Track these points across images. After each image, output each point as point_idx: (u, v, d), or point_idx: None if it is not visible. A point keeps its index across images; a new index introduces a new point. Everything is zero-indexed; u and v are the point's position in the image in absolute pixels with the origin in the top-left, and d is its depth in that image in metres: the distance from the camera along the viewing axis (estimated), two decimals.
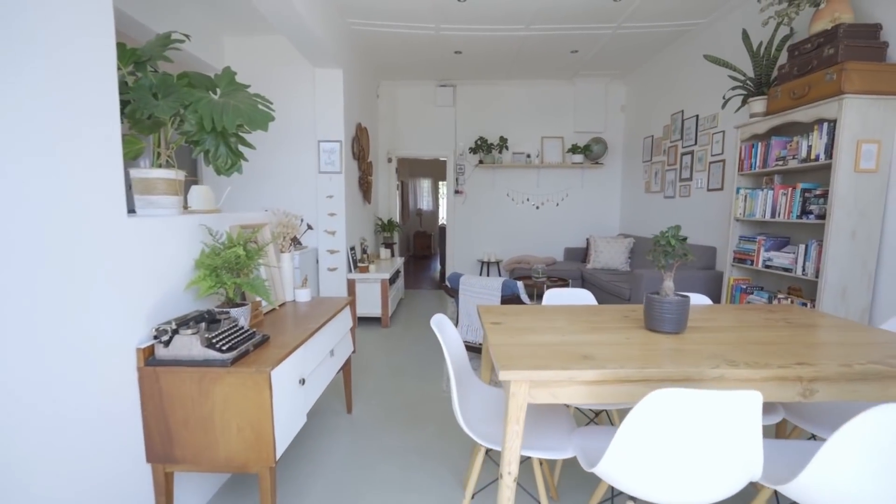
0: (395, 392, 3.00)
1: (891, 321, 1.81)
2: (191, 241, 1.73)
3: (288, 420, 1.60)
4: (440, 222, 11.91)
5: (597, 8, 3.91)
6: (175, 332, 1.46)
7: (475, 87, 6.36)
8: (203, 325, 1.58)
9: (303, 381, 1.73)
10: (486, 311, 1.93)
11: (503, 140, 6.21)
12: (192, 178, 2.08)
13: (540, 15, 4.05)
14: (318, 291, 4.44)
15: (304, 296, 2.46)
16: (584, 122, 6.33)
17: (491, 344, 1.46)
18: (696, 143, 4.53)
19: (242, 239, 1.76)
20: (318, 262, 4.39)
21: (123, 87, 1.55)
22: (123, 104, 1.53)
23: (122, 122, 1.47)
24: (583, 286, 5.56)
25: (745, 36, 3.36)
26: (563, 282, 4.81)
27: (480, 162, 6.33)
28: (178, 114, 1.65)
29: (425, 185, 11.81)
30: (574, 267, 5.76)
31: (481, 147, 6.23)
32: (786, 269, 2.98)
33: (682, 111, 4.79)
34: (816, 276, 2.72)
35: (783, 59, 3.19)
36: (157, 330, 1.45)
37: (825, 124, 2.67)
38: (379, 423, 2.59)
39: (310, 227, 2.80)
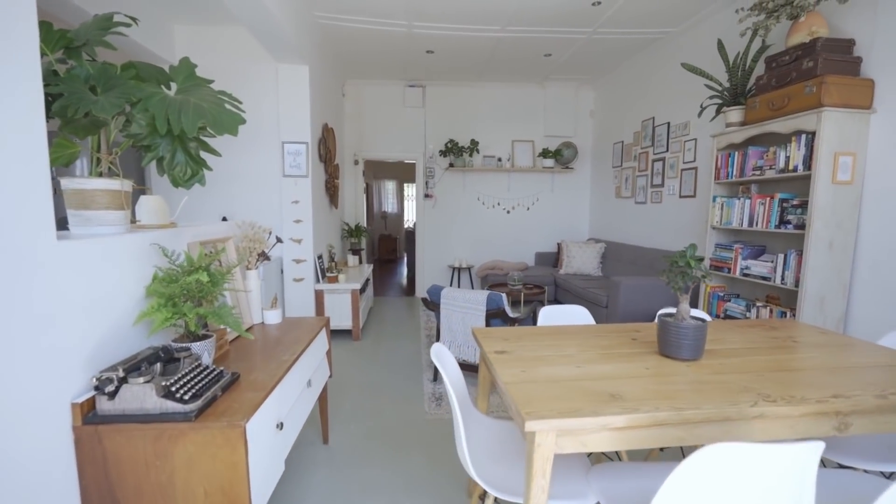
0: (374, 415, 2.77)
1: (889, 336, 1.81)
2: (141, 263, 1.45)
3: (265, 475, 1.36)
4: (406, 225, 11.68)
5: (575, 11, 3.85)
6: (122, 380, 1.19)
7: (445, 88, 6.20)
8: (158, 366, 1.31)
9: (280, 426, 1.49)
10: (485, 337, 1.76)
11: (474, 143, 6.09)
12: (141, 188, 1.78)
13: (518, 15, 3.94)
14: (284, 304, 4.12)
15: (273, 318, 2.20)
16: (555, 127, 6.32)
17: (504, 382, 1.29)
18: (667, 150, 4.58)
19: (205, 260, 1.49)
20: (282, 272, 4.08)
21: (51, 77, 1.26)
22: (51, 99, 1.24)
23: (49, 120, 1.18)
24: (556, 292, 5.53)
25: (721, 46, 3.39)
26: (539, 289, 4.74)
27: (451, 165, 6.18)
28: (123, 112, 1.37)
29: (390, 186, 11.54)
30: (546, 272, 5.72)
31: (452, 150, 6.07)
32: (764, 278, 3.01)
33: (653, 118, 4.84)
34: (796, 286, 2.75)
35: (759, 70, 3.23)
36: (98, 379, 1.17)
37: (803, 136, 2.71)
38: (359, 454, 2.36)
39: (279, 241, 2.53)
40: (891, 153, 2.53)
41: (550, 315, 2.09)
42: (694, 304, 4.09)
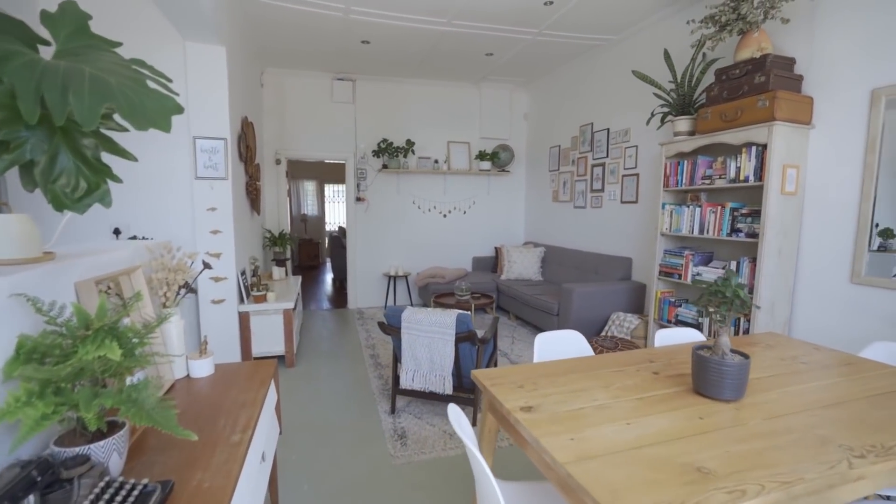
0: (329, 466, 2.32)
1: (872, 346, 1.84)
2: None
3: None
4: (328, 227, 10.95)
5: (526, 9, 3.69)
6: None
7: (378, 83, 5.76)
8: (32, 500, 0.81)
9: None
10: (495, 383, 1.45)
11: (410, 143, 5.74)
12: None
13: (467, 9, 3.68)
14: (199, 331, 3.42)
15: (204, 368, 1.68)
16: (490, 129, 6.21)
17: (562, 462, 1.00)
18: (607, 156, 4.66)
19: (109, 318, 0.99)
20: (196, 292, 3.39)
21: None
22: None
23: None
24: (499, 299, 5.40)
25: (667, 56, 3.45)
26: (487, 298, 4.54)
27: (384, 167, 5.77)
28: None
29: (310, 187, 10.71)
30: (487, 278, 5.57)
31: (386, 150, 5.66)
32: None
33: (592, 124, 4.90)
34: (750, 293, 2.84)
35: (706, 81, 3.33)
36: None
37: (753, 148, 2.80)
38: None
39: (207, 267, 1.98)
40: (827, 166, 2.70)
41: (546, 344, 1.84)
42: (640, 309, 4.19)
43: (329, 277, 8.78)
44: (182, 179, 3.27)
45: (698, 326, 3.24)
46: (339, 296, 6.92)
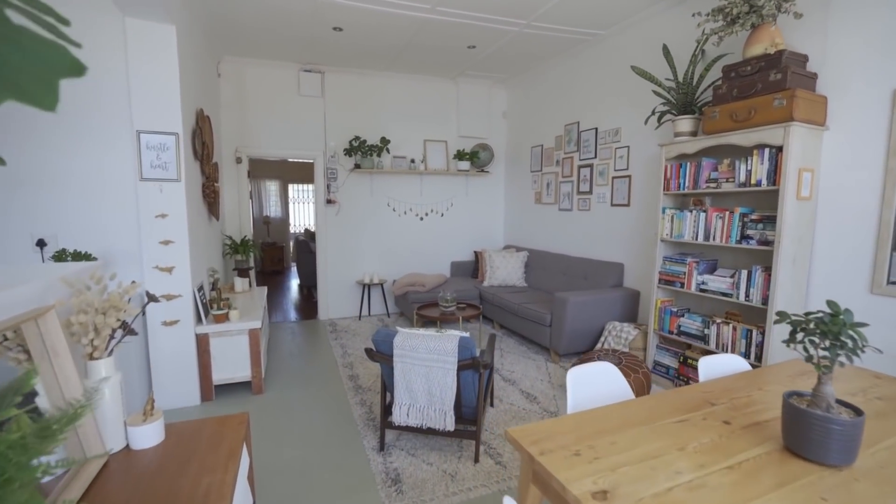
0: None
1: None
2: None
3: None
4: (292, 230, 10.35)
5: None
6: None
7: (349, 76, 5.33)
8: None
9: None
10: (544, 451, 1.14)
11: (385, 141, 5.34)
12: None
13: None
14: (148, 359, 2.93)
15: (150, 436, 1.27)
16: (468, 127, 5.91)
17: None
18: (595, 157, 4.46)
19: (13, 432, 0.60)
20: (144, 314, 2.89)
21: None
22: None
23: None
24: (482, 304, 5.11)
25: (667, 52, 3.26)
26: (474, 309, 4.24)
27: (357, 166, 5.35)
28: None
29: (272, 188, 10.06)
30: (469, 285, 5.28)
31: (358, 149, 5.25)
32: (724, 294, 2.93)
33: (578, 123, 4.69)
34: (764, 304, 2.68)
35: (710, 78, 3.15)
36: None
37: (766, 150, 2.63)
38: None
39: (153, 300, 1.55)
40: (842, 171, 2.57)
41: (583, 380, 1.55)
42: (633, 317, 4.01)
43: (295, 284, 8.23)
44: (124, 181, 2.77)
45: (704, 338, 3.07)
46: (308, 305, 6.43)
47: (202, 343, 3.08)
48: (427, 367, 2.16)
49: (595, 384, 1.59)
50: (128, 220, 2.78)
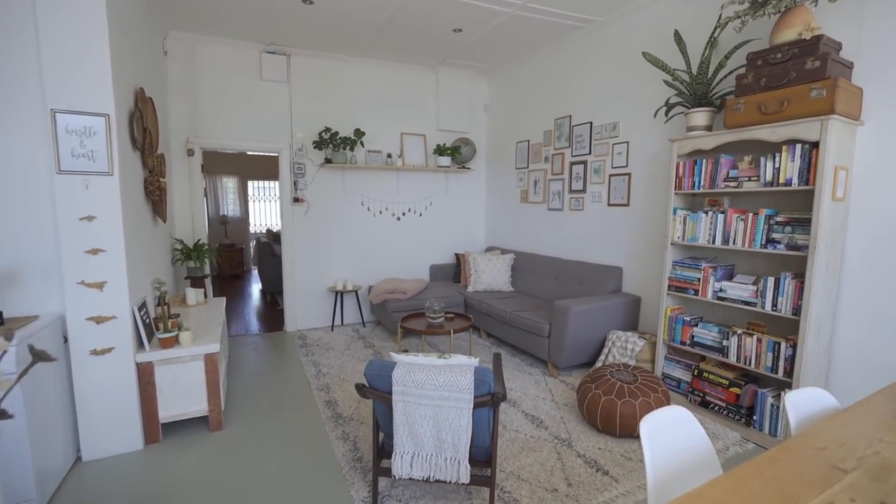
0: None
1: None
2: None
3: None
4: (253, 229, 9.62)
5: None
6: None
7: (318, 60, 4.80)
8: None
9: None
10: None
11: (359, 133, 4.85)
12: None
13: None
14: (73, 398, 2.34)
15: None
16: (448, 121, 5.50)
17: None
18: (590, 153, 4.17)
19: None
20: (66, 341, 2.31)
21: None
22: None
23: None
24: (466, 311, 4.73)
25: (679, 38, 2.98)
26: (464, 319, 3.85)
27: (327, 161, 4.83)
28: None
29: (230, 184, 9.28)
30: (452, 291, 4.88)
31: (329, 141, 4.73)
32: (746, 303, 2.68)
33: (570, 116, 4.39)
34: (795, 314, 2.44)
35: (728, 68, 2.89)
36: None
37: (798, 146, 2.39)
38: None
39: (42, 357, 1.05)
40: (880, 170, 2.36)
41: (658, 437, 1.19)
42: (633, 325, 3.74)
43: (257, 289, 7.55)
44: (34, 173, 2.18)
45: (721, 350, 2.82)
46: (273, 314, 5.83)
47: (145, 374, 2.52)
48: (436, 406, 1.75)
49: (674, 437, 1.24)
50: (41, 223, 2.19)
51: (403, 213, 5.50)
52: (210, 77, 4.36)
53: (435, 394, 1.74)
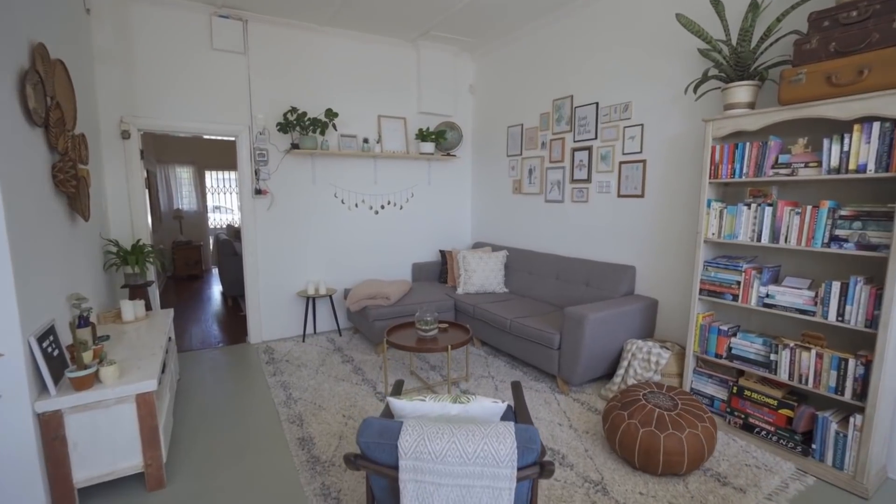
0: None
1: None
2: None
3: None
4: (211, 224, 8.78)
5: None
6: None
7: (281, 29, 4.11)
8: None
9: None
10: None
11: (332, 115, 4.21)
12: None
13: None
14: None
15: None
16: (431, 102, 4.92)
17: None
18: (596, 138, 3.70)
19: None
20: None
21: None
22: None
23: None
24: (457, 319, 4.22)
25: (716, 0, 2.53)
26: (459, 330, 3.34)
27: (294, 146, 4.18)
28: None
29: (184, 174, 8.38)
30: (439, 294, 4.36)
31: (296, 123, 4.08)
32: (801, 311, 2.28)
33: (572, 97, 3.90)
34: (869, 326, 2.04)
35: (779, 32, 2.45)
36: None
37: (875, 125, 1.98)
38: None
39: None
40: None
41: None
42: (650, 331, 3.33)
43: (217, 291, 6.79)
44: None
45: (768, 365, 2.42)
46: (234, 321, 5.14)
47: (51, 426, 1.88)
48: (464, 487, 1.23)
49: None
50: None
51: (382, 206, 4.91)
52: (149, 44, 3.62)
53: (461, 470, 1.22)
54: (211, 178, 8.78)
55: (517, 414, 1.88)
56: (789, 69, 2.20)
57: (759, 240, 2.42)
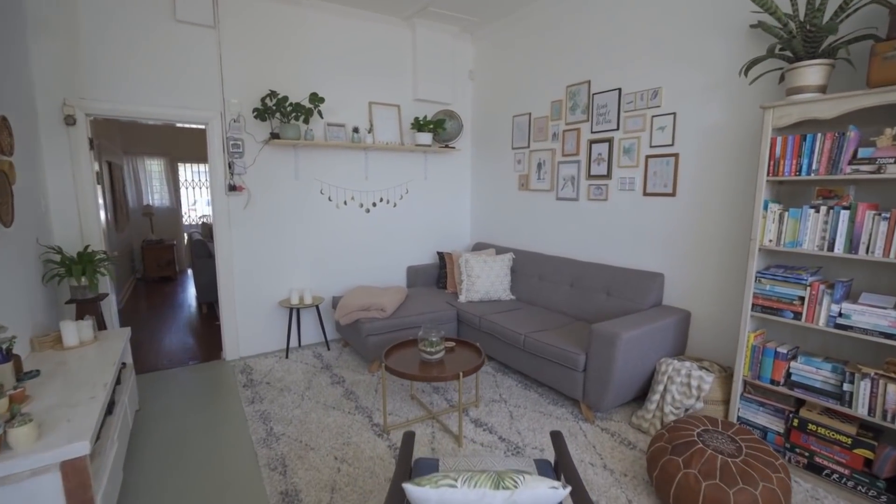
0: None
1: None
2: None
3: None
4: (186, 220, 8.17)
5: None
6: None
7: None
8: None
9: None
10: None
11: (317, 100, 3.70)
12: None
13: None
14: None
15: None
16: (428, 89, 4.45)
17: None
18: (618, 129, 3.29)
19: None
20: None
21: None
22: None
23: None
24: (459, 330, 3.80)
25: None
26: (470, 350, 2.91)
27: (274, 136, 3.67)
28: None
29: (154, 167, 7.73)
30: (439, 303, 3.91)
31: (276, 109, 3.57)
32: (886, 335, 1.91)
33: (589, 82, 3.48)
34: None
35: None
36: None
37: None
38: None
39: None
40: None
41: None
42: (680, 349, 2.95)
43: (192, 296, 6.23)
44: None
45: (839, 396, 2.06)
46: (209, 332, 4.62)
47: None
48: None
49: None
50: None
51: (374, 204, 4.43)
52: (97, 12, 3.06)
53: None
54: (185, 171, 8.14)
55: (567, 478, 1.46)
56: (883, 43, 1.80)
57: (831, 249, 2.04)
